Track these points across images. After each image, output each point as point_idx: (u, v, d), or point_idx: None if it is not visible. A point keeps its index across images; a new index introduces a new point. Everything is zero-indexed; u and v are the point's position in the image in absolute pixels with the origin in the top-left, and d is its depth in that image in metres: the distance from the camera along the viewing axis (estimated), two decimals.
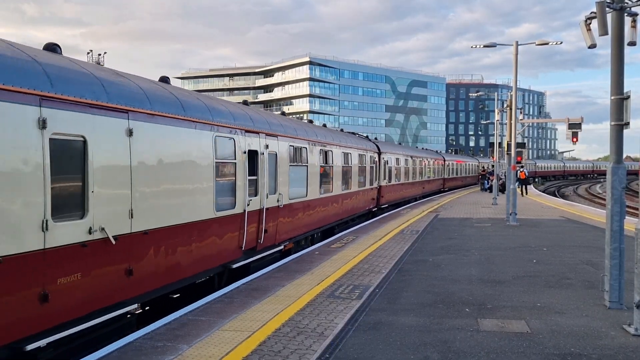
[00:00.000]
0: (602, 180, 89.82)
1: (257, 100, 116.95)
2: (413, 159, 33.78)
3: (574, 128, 22.18)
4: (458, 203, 31.53)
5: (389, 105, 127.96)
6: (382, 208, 26.25)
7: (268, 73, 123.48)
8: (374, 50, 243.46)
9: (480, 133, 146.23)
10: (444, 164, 45.73)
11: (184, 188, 8.55)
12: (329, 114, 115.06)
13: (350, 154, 19.76)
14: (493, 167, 41.19)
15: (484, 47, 25.06)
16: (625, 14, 7.99)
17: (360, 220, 22.08)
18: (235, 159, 10.32)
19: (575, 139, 22.61)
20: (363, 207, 22.29)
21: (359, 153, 21.18)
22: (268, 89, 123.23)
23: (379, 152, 25.23)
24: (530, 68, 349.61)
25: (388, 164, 26.92)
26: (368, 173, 22.67)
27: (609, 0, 7.85)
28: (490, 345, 6.33)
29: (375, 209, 25.02)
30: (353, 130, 31.13)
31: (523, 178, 38.93)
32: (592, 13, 8.41)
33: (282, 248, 12.99)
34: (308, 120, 17.88)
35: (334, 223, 18.28)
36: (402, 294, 8.83)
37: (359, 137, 24.47)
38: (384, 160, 26.06)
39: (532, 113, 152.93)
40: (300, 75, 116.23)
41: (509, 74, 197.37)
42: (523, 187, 39.54)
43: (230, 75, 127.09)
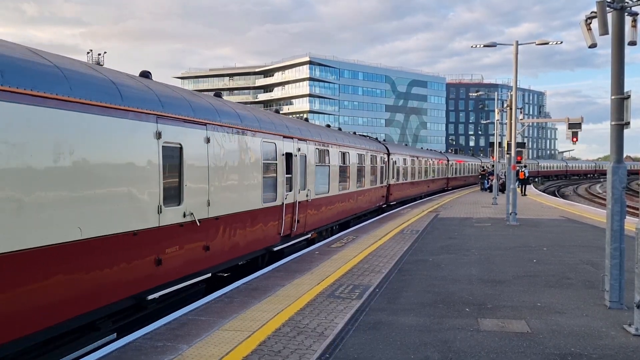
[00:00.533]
0: (602, 180, 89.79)
1: (257, 100, 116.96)
2: (419, 159, 35.23)
3: (574, 128, 22.16)
4: (458, 203, 31.53)
5: (389, 105, 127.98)
6: (390, 205, 27.77)
7: (268, 73, 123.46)
8: (374, 50, 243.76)
9: (480, 133, 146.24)
10: (448, 164, 46.89)
11: (242, 183, 10.58)
12: (329, 114, 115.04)
13: (364, 155, 21.56)
14: (493, 166, 41.30)
15: (484, 46, 25.05)
16: (626, 14, 7.98)
17: (372, 216, 23.61)
18: (276, 160, 12.40)
19: (575, 139, 22.59)
20: (374, 203, 24.07)
21: (371, 154, 22.95)
22: (268, 89, 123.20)
23: (388, 153, 26.91)
24: (530, 68, 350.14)
25: (396, 164, 28.56)
26: (379, 172, 24.39)
27: (610, 0, 7.84)
28: (491, 345, 6.33)
29: (385, 206, 26.61)
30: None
31: (522, 178, 38.93)
32: (592, 13, 8.40)
33: (309, 236, 14.97)
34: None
35: (350, 217, 20.06)
36: (402, 294, 8.83)
37: (370, 139, 26.37)
38: (393, 161, 27.70)
39: (532, 113, 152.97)
40: (300, 75, 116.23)
41: (509, 74, 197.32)
42: (522, 186, 39.54)
43: (230, 75, 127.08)
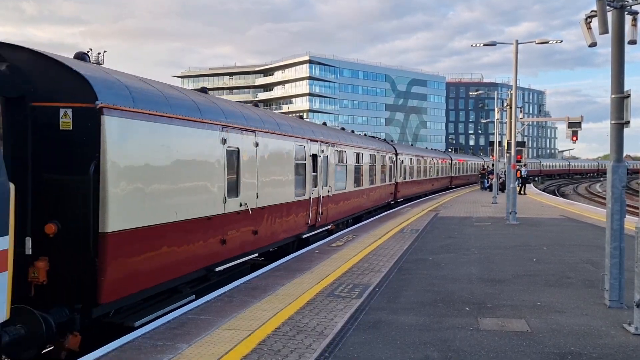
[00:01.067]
0: (602, 179, 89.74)
1: (256, 99, 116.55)
2: (424, 159, 37.11)
3: (574, 127, 22.17)
4: (458, 202, 31.53)
5: (389, 104, 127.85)
6: (398, 202, 29.72)
7: (268, 72, 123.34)
8: (374, 49, 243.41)
9: (480, 132, 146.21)
10: (451, 163, 48.42)
11: (280, 180, 12.51)
12: (329, 113, 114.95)
13: (375, 155, 23.44)
14: (493, 165, 41.40)
15: (484, 45, 25.04)
16: (626, 13, 7.97)
17: (381, 211, 25.43)
18: (305, 160, 14.29)
19: (575, 138, 22.60)
20: (383, 199, 26.08)
21: (381, 154, 24.85)
22: (268, 88, 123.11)
23: (396, 153, 28.82)
24: (530, 67, 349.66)
25: (403, 164, 30.48)
26: (388, 171, 26.34)
27: None
28: (490, 344, 6.32)
29: (393, 202, 28.60)
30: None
31: (518, 177, 38.85)
32: (592, 12, 8.39)
33: (330, 227, 17.05)
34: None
35: (363, 211, 21.91)
36: (402, 293, 8.82)
37: (379, 140, 28.82)
38: (400, 160, 29.58)
39: (531, 112, 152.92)
40: (300, 74, 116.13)
41: (509, 73, 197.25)
42: (521, 186, 39.47)
43: (230, 74, 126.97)
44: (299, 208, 13.88)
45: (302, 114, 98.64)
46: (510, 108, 22.84)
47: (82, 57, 7.74)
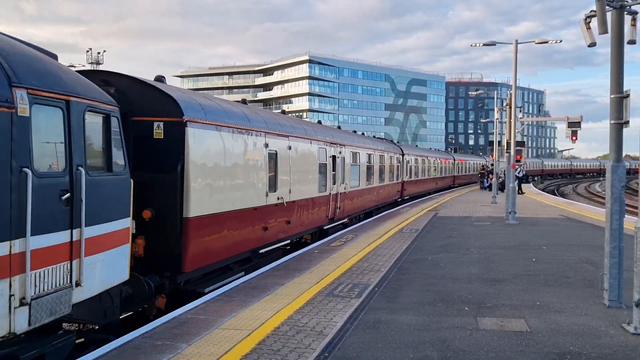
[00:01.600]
0: (601, 179, 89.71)
1: (256, 99, 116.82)
2: (428, 159, 38.98)
3: (574, 127, 22.18)
4: (457, 201, 31.54)
5: (389, 104, 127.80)
6: (404, 199, 31.35)
7: (267, 71, 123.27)
8: (374, 49, 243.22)
9: (480, 131, 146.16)
10: (454, 163, 50.54)
11: (307, 177, 14.56)
12: (329, 113, 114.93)
13: (384, 156, 25.39)
14: (492, 165, 41.52)
15: (484, 45, 25.03)
16: (625, 13, 7.98)
17: (389, 208, 27.13)
18: (326, 161, 16.28)
19: (575, 138, 22.61)
20: (391, 197, 28.03)
21: (389, 155, 26.83)
22: (267, 88, 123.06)
23: (403, 153, 30.53)
24: (530, 66, 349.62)
25: (409, 164, 32.27)
26: (395, 170, 28.27)
27: None
28: (490, 344, 6.33)
29: (400, 200, 30.43)
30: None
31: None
32: (591, 11, 8.40)
33: (345, 220, 19.00)
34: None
35: (373, 207, 23.85)
36: (401, 293, 8.83)
37: (387, 141, 31.18)
38: (406, 160, 31.30)
39: (531, 111, 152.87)
40: (300, 74, 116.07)
41: (509, 73, 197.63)
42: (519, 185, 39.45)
43: (230, 74, 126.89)
44: (321, 202, 15.95)
45: (301, 114, 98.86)
46: (510, 108, 22.85)
47: (160, 79, 9.79)
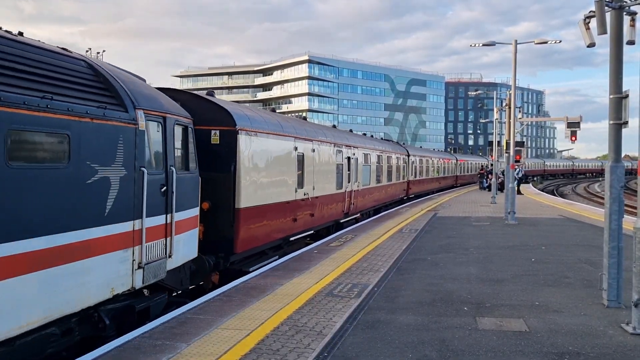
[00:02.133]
0: (601, 180, 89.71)
1: (255, 99, 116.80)
2: (432, 160, 41.05)
3: (573, 127, 22.20)
4: (457, 201, 31.55)
5: (388, 104, 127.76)
6: (409, 197, 33.22)
7: (267, 71, 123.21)
8: (373, 49, 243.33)
9: (479, 132, 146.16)
10: (456, 164, 52.37)
11: (327, 176, 16.54)
12: (328, 113, 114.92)
13: (391, 157, 27.45)
14: (492, 165, 41.65)
15: (483, 45, 25.02)
16: (624, 13, 7.99)
17: (395, 205, 28.87)
18: (342, 162, 18.33)
19: (574, 138, 22.64)
20: (398, 195, 29.96)
21: (396, 156, 28.88)
22: (267, 88, 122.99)
23: (408, 154, 32.55)
24: (529, 67, 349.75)
25: (414, 164, 34.21)
26: (401, 170, 30.28)
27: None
28: (489, 344, 6.34)
29: (405, 198, 32.30)
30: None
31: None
32: (591, 12, 8.41)
33: (357, 215, 20.92)
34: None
35: (381, 204, 25.72)
36: (400, 293, 8.84)
37: (394, 143, 33.63)
38: (411, 161, 33.28)
39: (530, 112, 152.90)
40: (299, 74, 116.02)
41: (508, 73, 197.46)
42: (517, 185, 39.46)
43: (229, 74, 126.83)
44: (338, 199, 17.96)
45: (300, 114, 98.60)
46: (509, 108, 22.85)
47: (211, 93, 11.95)
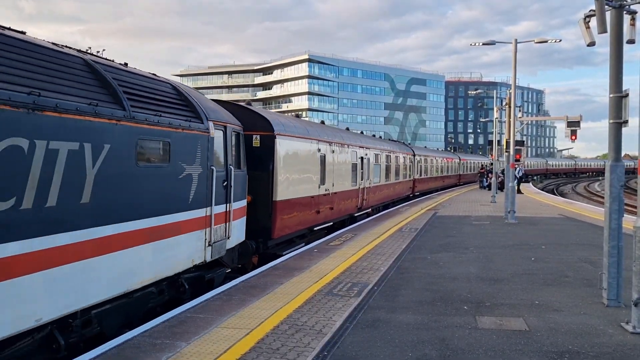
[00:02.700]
0: (600, 179, 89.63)
1: (255, 98, 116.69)
2: (436, 159, 42.71)
3: (573, 126, 22.19)
4: (457, 201, 31.55)
5: (388, 103, 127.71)
6: (415, 195, 34.97)
7: (267, 71, 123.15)
8: (373, 48, 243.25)
9: (479, 131, 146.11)
10: (459, 163, 54.21)
11: (344, 174, 18.33)
12: (328, 112, 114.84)
13: (399, 156, 29.24)
14: (491, 164, 41.79)
15: (483, 44, 24.97)
16: (624, 12, 7.98)
17: (401, 202, 30.45)
18: (356, 161, 20.10)
19: (574, 137, 22.62)
20: (404, 192, 31.63)
21: (403, 155, 30.59)
22: (267, 87, 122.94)
23: (414, 154, 34.25)
24: (529, 66, 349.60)
25: (420, 163, 35.86)
26: (408, 169, 32.05)
27: None
28: (489, 343, 6.34)
29: (411, 195, 33.99)
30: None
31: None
32: (591, 11, 8.40)
33: (369, 211, 22.74)
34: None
35: (389, 201, 27.44)
36: (400, 292, 8.84)
37: (401, 143, 35.30)
38: (417, 160, 34.98)
39: (531, 111, 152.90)
40: (299, 73, 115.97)
41: (508, 72, 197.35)
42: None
43: (229, 73, 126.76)
44: (353, 194, 19.68)
45: (300, 113, 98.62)
46: (509, 107, 22.84)
47: (249, 104, 13.80)
